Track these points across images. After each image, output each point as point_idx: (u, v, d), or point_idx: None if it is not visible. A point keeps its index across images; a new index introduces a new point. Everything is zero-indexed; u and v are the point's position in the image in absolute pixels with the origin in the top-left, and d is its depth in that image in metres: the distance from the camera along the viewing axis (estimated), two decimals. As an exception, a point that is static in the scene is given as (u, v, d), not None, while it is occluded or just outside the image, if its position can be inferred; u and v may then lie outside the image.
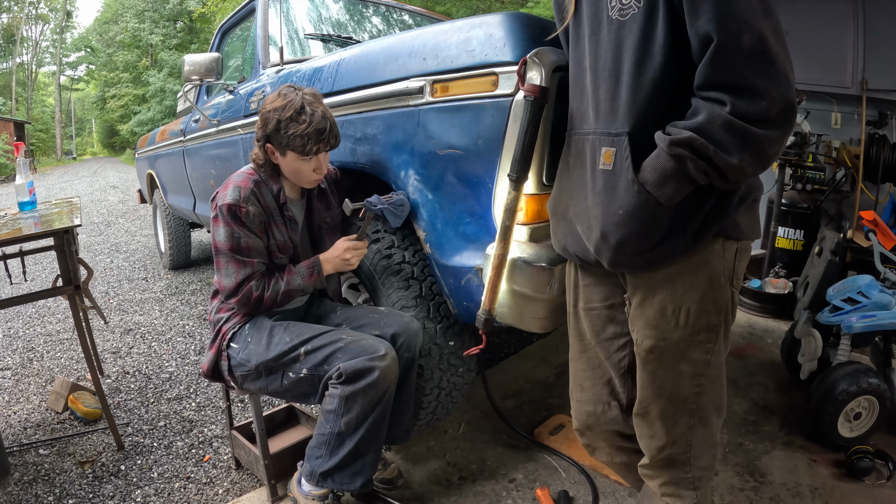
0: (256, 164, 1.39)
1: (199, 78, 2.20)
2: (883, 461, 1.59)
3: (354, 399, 1.24)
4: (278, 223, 1.40)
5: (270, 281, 1.36)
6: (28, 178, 2.07)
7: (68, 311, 3.19)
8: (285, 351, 1.30)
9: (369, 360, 1.23)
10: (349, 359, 1.25)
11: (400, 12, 2.77)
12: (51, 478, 1.66)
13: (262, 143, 1.35)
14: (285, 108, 1.27)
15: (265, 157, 1.37)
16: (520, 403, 2.02)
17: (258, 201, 1.34)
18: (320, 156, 1.34)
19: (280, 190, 1.40)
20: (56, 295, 1.70)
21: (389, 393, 1.28)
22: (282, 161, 1.36)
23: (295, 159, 1.33)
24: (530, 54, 1.08)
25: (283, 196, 1.41)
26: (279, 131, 1.28)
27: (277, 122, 1.28)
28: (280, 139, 1.30)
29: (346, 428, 1.26)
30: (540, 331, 1.25)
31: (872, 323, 1.76)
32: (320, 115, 1.29)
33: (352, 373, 1.23)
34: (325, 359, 1.27)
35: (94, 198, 10.01)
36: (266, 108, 1.31)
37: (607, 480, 1.57)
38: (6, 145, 16.98)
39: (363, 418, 1.25)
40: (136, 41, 27.39)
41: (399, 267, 1.50)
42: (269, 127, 1.30)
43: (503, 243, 1.12)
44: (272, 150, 1.35)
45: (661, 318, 0.90)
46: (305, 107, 1.28)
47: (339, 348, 1.27)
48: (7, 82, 30.49)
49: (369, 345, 1.27)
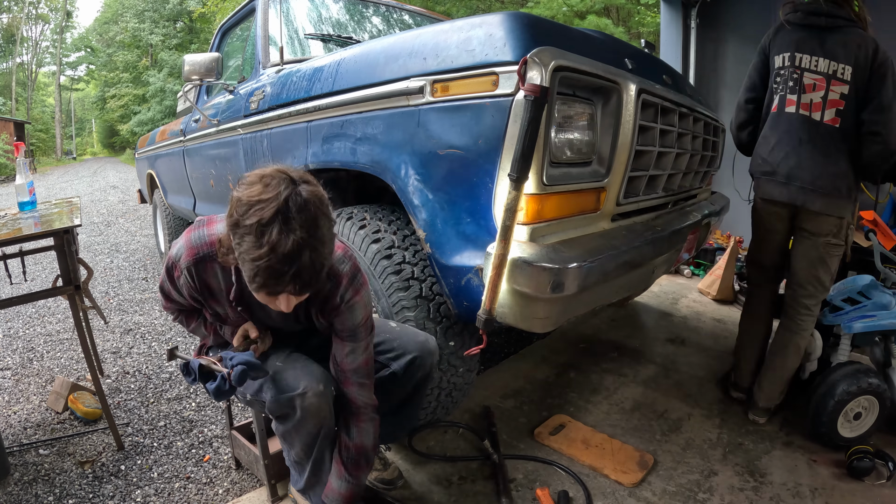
0: (221, 252, 1.06)
1: (199, 78, 2.20)
2: (883, 461, 1.59)
3: (291, 436, 1.20)
4: (224, 304, 1.17)
5: (192, 321, 1.32)
6: (28, 178, 2.07)
7: (68, 311, 3.20)
8: None
9: (288, 398, 1.12)
10: (274, 394, 1.14)
11: (400, 12, 2.77)
12: (51, 478, 1.66)
13: (229, 227, 0.93)
14: (251, 208, 0.87)
15: (230, 243, 0.97)
16: (520, 403, 2.02)
17: (192, 282, 1.13)
18: (283, 298, 0.95)
19: (233, 287, 1.13)
20: (56, 295, 1.70)
21: (325, 427, 1.19)
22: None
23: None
24: (531, 54, 1.08)
25: (234, 293, 1.13)
26: (233, 235, 0.91)
27: (236, 221, 0.89)
28: (236, 251, 0.91)
29: (297, 458, 1.24)
30: (540, 330, 1.25)
31: (872, 323, 1.76)
32: (292, 245, 0.86)
33: (275, 412, 1.16)
34: (260, 387, 1.17)
35: (94, 198, 10.01)
36: (240, 186, 0.92)
37: (607, 480, 1.57)
38: (6, 145, 16.98)
39: (308, 450, 1.22)
40: (136, 41, 27.41)
41: (399, 267, 1.50)
42: (231, 218, 0.91)
43: (504, 243, 1.12)
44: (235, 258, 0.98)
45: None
46: (276, 224, 0.85)
47: (268, 378, 1.16)
48: (7, 82, 30.49)
49: (293, 378, 1.14)
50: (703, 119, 1.88)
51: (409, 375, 1.33)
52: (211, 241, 1.10)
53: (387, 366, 1.33)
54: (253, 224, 0.86)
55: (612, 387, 2.16)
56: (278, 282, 0.88)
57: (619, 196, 1.41)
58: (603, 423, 1.88)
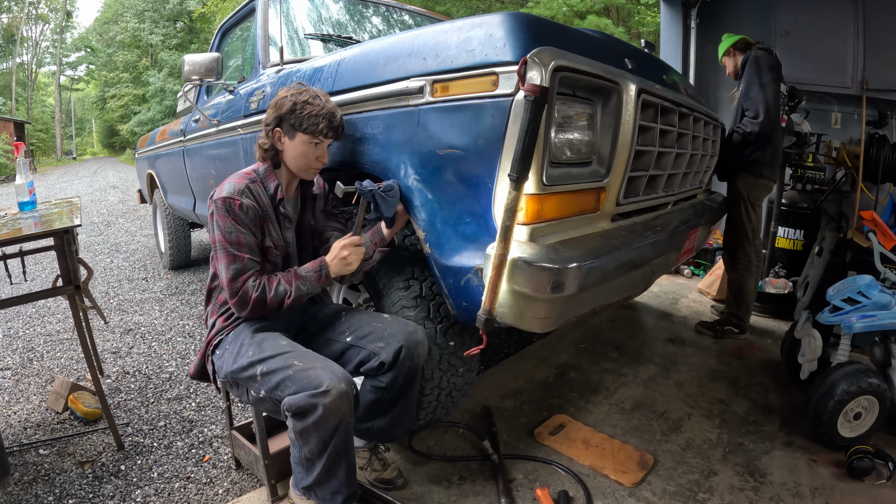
0: (262, 149, 1.43)
1: (199, 78, 2.20)
2: (883, 461, 1.59)
3: (308, 433, 1.20)
4: (273, 221, 1.42)
5: (273, 283, 1.34)
6: (28, 178, 2.07)
7: (68, 311, 3.19)
8: (244, 366, 1.29)
9: (311, 396, 1.17)
10: (294, 391, 1.19)
11: (400, 12, 2.77)
12: (51, 478, 1.66)
13: (271, 127, 1.40)
14: (301, 93, 1.37)
15: (271, 142, 1.41)
16: (520, 403, 2.02)
17: (253, 196, 1.37)
18: (325, 144, 1.40)
19: (277, 187, 1.43)
20: (56, 295, 1.70)
21: (344, 423, 1.22)
22: (288, 146, 1.40)
23: (303, 142, 1.38)
24: (531, 54, 1.08)
25: (280, 192, 1.43)
26: (293, 112, 1.35)
27: (293, 103, 1.35)
28: (293, 120, 1.36)
29: (310, 455, 1.23)
30: (540, 331, 1.25)
31: (872, 323, 1.76)
32: (333, 104, 1.40)
33: (296, 409, 1.19)
34: (277, 384, 1.23)
35: (94, 198, 10.01)
36: (280, 96, 1.39)
37: (607, 480, 1.57)
38: (6, 145, 16.97)
39: (323, 447, 1.22)
40: (136, 41, 27.39)
41: (399, 267, 1.50)
42: (284, 109, 1.36)
43: (504, 243, 1.12)
44: (280, 134, 1.39)
45: None
46: (319, 95, 1.39)
47: (288, 376, 1.22)
48: (7, 82, 30.48)
49: (315, 376, 1.20)
50: (703, 119, 1.88)
51: (397, 365, 1.34)
52: (246, 172, 1.42)
53: (376, 354, 1.35)
54: (307, 98, 1.37)
55: (612, 387, 2.16)
56: (333, 124, 1.39)
57: (619, 196, 1.41)
58: (603, 423, 1.88)
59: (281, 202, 1.43)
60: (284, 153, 1.42)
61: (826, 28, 3.37)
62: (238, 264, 1.31)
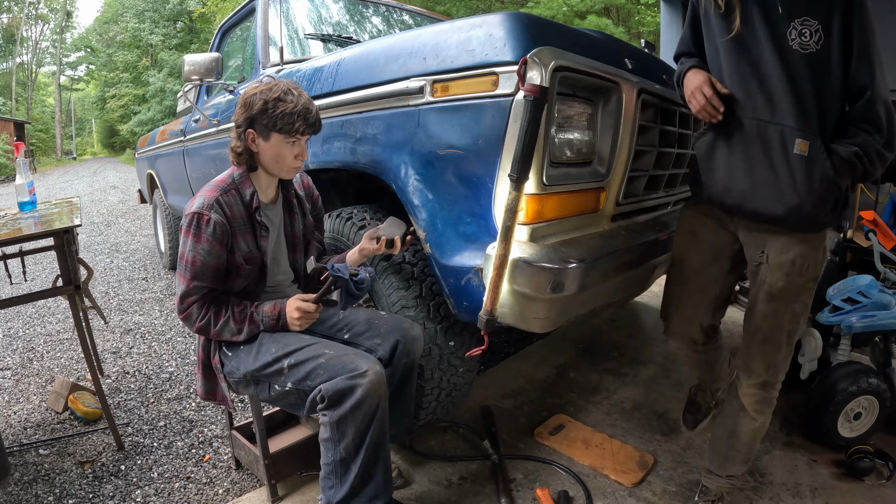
0: (235, 153, 1.35)
1: (199, 78, 2.20)
2: (883, 461, 1.59)
3: (345, 422, 1.18)
4: (245, 232, 1.34)
5: (220, 319, 1.30)
6: (28, 178, 2.07)
7: (68, 311, 3.19)
8: (269, 362, 1.27)
9: (349, 378, 1.17)
10: (329, 377, 1.19)
11: (400, 12, 2.77)
12: (51, 478, 1.66)
13: (242, 129, 1.31)
14: (271, 90, 1.28)
15: (244, 145, 1.33)
16: (520, 403, 2.02)
17: (223, 211, 1.29)
18: (302, 141, 1.33)
19: (254, 194, 1.35)
20: (56, 295, 1.70)
21: (381, 409, 1.21)
22: (263, 148, 1.32)
23: (279, 142, 1.30)
24: (530, 54, 1.08)
25: (256, 200, 1.35)
26: (265, 112, 1.26)
27: (264, 102, 1.26)
28: (265, 121, 1.27)
29: (346, 453, 1.20)
30: (540, 331, 1.25)
31: (872, 323, 1.76)
32: (306, 98, 1.30)
33: (333, 394, 1.17)
34: (307, 374, 1.23)
35: (94, 198, 10.01)
36: (249, 93, 1.30)
37: (607, 480, 1.57)
38: (6, 145, 16.98)
39: (361, 440, 1.20)
40: (136, 41, 27.40)
41: (399, 267, 1.50)
42: (255, 109, 1.27)
43: (505, 243, 1.12)
44: (253, 136, 1.31)
45: (792, 266, 1.22)
46: (291, 89, 1.29)
47: (320, 364, 1.22)
48: (7, 82, 30.49)
49: (350, 361, 1.21)
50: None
51: (393, 362, 1.34)
52: (220, 180, 1.35)
53: (373, 350, 1.34)
54: (278, 95, 1.27)
55: (612, 387, 2.16)
56: (309, 120, 1.29)
57: (619, 196, 1.41)
58: (603, 423, 1.88)
59: (258, 210, 1.36)
60: (260, 155, 1.33)
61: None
62: (185, 286, 1.29)
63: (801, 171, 1.14)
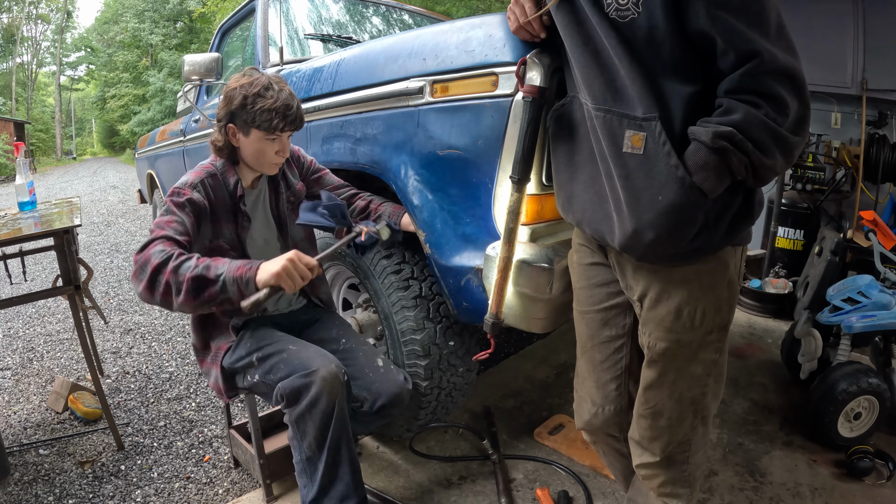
0: (216, 146, 1.33)
1: (199, 78, 2.20)
2: (883, 461, 1.59)
3: (304, 421, 1.20)
4: (227, 221, 1.34)
5: (182, 257, 1.09)
6: (28, 178, 2.07)
7: (68, 311, 3.19)
8: (242, 355, 1.32)
9: (303, 376, 1.19)
10: (287, 373, 1.21)
11: (400, 12, 2.77)
12: (51, 478, 1.66)
13: (223, 124, 1.29)
14: (252, 84, 1.24)
15: (225, 139, 1.31)
16: (520, 403, 2.02)
17: (206, 192, 1.28)
18: (284, 137, 1.30)
19: (237, 182, 1.33)
20: (56, 295, 1.70)
21: (339, 408, 1.20)
22: (244, 143, 1.29)
23: (259, 139, 1.27)
24: (530, 55, 1.08)
25: (240, 189, 1.33)
26: (245, 108, 1.23)
27: (244, 97, 1.23)
28: (245, 116, 1.24)
29: (311, 452, 1.22)
30: (540, 331, 1.25)
31: (872, 323, 1.76)
32: (287, 93, 1.26)
33: (290, 392, 1.19)
34: (270, 368, 1.26)
35: (94, 198, 10.00)
36: (231, 87, 1.27)
37: (607, 481, 1.57)
38: (6, 145, 16.96)
39: (322, 439, 1.20)
40: (136, 41, 27.37)
41: (399, 267, 1.50)
42: (234, 104, 1.24)
43: (508, 246, 1.12)
44: (234, 130, 1.29)
45: (677, 319, 0.89)
46: (272, 84, 1.25)
47: (282, 359, 1.25)
48: (7, 82, 30.47)
49: (307, 358, 1.23)
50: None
51: (378, 414, 1.37)
52: (206, 165, 1.33)
53: (358, 401, 1.36)
54: (258, 90, 1.23)
55: (612, 387, 2.16)
56: (289, 116, 1.25)
57: (619, 196, 1.41)
58: (603, 423, 1.88)
59: (241, 199, 1.34)
60: (241, 150, 1.32)
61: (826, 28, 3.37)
62: (157, 234, 1.13)
63: (637, 177, 0.81)
